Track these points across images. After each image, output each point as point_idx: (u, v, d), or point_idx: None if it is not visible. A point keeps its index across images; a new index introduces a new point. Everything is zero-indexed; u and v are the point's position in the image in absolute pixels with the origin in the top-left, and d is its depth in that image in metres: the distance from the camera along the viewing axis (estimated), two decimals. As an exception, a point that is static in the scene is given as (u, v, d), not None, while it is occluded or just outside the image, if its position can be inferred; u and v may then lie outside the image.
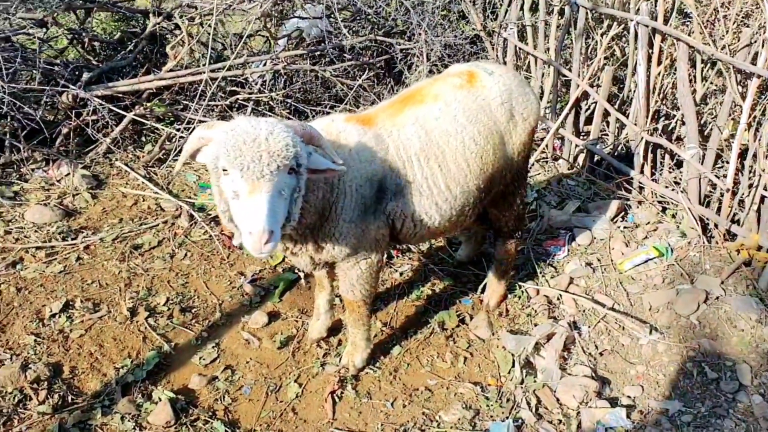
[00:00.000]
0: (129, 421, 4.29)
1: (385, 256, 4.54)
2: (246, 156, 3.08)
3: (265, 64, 7.72)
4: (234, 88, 7.76)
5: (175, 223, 6.19)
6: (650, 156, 6.32)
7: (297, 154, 3.21)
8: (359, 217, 3.93)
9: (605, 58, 6.81)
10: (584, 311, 5.17)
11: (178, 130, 7.15)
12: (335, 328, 5.06)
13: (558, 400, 4.47)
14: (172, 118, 7.45)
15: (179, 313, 5.17)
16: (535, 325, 5.05)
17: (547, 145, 7.18)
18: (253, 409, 4.47)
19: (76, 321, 5.04)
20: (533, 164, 7.13)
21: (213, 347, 4.91)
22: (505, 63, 7.97)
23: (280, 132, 3.17)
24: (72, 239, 5.91)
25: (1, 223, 6.02)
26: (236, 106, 7.67)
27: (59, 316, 5.06)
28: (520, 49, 7.80)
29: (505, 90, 4.41)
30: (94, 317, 5.09)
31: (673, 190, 6.09)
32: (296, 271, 5.47)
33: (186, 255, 5.81)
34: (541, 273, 5.56)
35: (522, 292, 5.41)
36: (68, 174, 6.64)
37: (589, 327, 5.02)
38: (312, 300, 5.30)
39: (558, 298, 5.30)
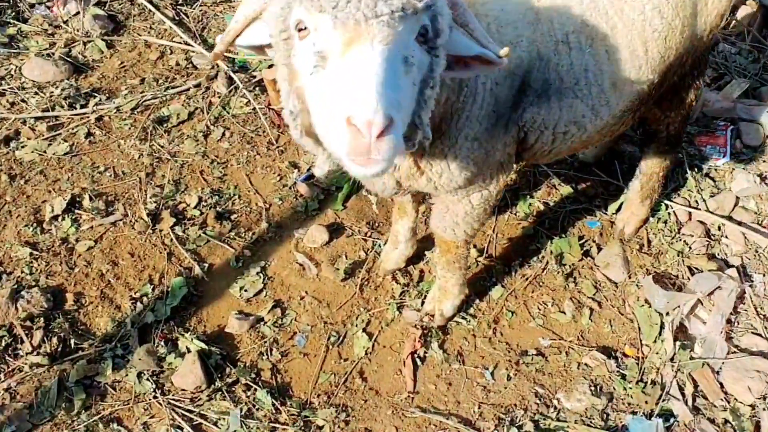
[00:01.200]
0: (148, 380, 3.30)
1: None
2: None
3: None
4: None
5: (210, 87, 4.81)
6: None
7: (435, 1, 1.87)
8: (486, 131, 2.56)
9: None
10: (757, 251, 3.78)
11: (214, -46, 5.53)
12: (416, 255, 3.81)
13: (723, 387, 3.26)
14: (206, -62, 5.78)
15: (215, 220, 3.98)
16: (690, 269, 3.71)
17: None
18: (308, 370, 3.40)
19: (84, 227, 3.91)
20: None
21: (258, 273, 3.75)
22: None
23: None
24: (81, 106, 4.63)
25: (-7, 81, 4.75)
26: None
27: (62, 219, 3.94)
28: None
29: None
30: (107, 222, 3.95)
31: None
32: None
33: (224, 135, 4.49)
34: (696, 187, 4.10)
35: (668, 214, 4.01)
36: (77, 13, 5.21)
37: (764, 276, 3.67)
38: (387, 210, 4.04)
39: (719, 228, 3.90)
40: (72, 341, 3.40)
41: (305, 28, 1.84)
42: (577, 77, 2.65)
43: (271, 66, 4.61)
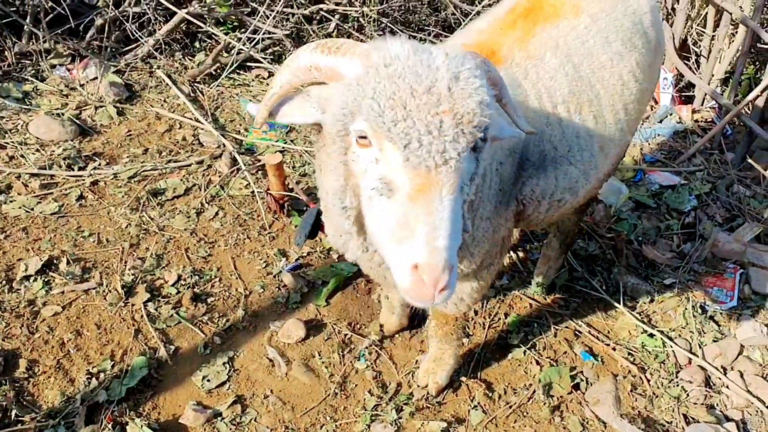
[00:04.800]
0: (85, 466, 3.00)
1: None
2: (416, 120, 1.66)
3: (361, -31, 6.04)
4: (319, -6, 6.11)
5: (212, 165, 4.75)
6: None
7: (491, 117, 1.79)
8: (495, 209, 2.54)
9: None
10: (759, 411, 3.51)
11: (239, 39, 5.61)
12: (395, 365, 3.59)
13: None
14: (234, 23, 5.90)
15: (190, 301, 3.79)
16: (685, 418, 3.44)
17: (715, 135, 5.32)
18: (259, 478, 3.11)
19: (55, 291, 3.74)
20: (693, 156, 5.30)
21: (224, 363, 3.52)
22: (674, 10, 6.01)
23: (469, 77, 1.74)
24: (79, 168, 4.56)
25: (-2, 133, 4.72)
26: (317, 18, 6.04)
27: (35, 279, 3.77)
28: (699, -6, 5.81)
29: (653, 3, 3.14)
30: (79, 289, 3.77)
31: None
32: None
33: (216, 215, 4.38)
34: (699, 330, 3.88)
35: (666, 354, 3.77)
36: (95, 78, 5.25)
37: (766, 435, 3.39)
38: (372, 312, 3.87)
39: (720, 378, 3.64)
40: (13, 412, 3.15)
41: (366, 137, 1.76)
42: (570, 144, 2.69)
43: (278, 152, 4.58)
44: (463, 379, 3.56)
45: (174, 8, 5.43)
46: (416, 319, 3.77)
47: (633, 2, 3.00)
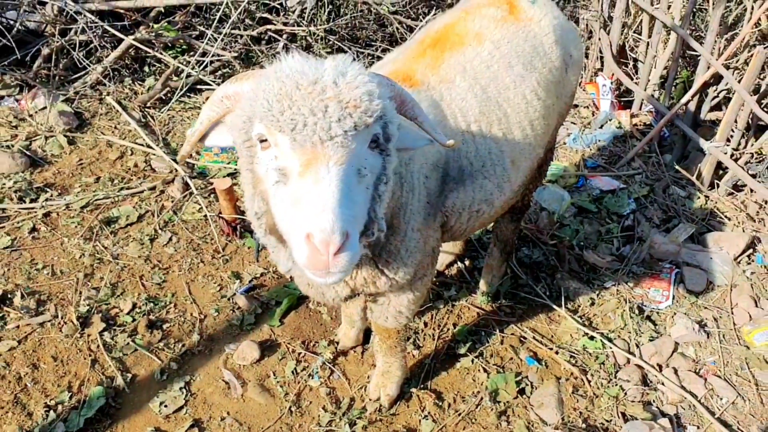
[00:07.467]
0: (44, 500, 3.08)
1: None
2: (301, 107, 1.83)
3: (306, -11, 6.15)
4: (266, 15, 6.21)
5: (164, 191, 4.82)
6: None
7: (385, 111, 1.96)
8: (425, 221, 2.75)
9: (754, 33, 5.06)
10: (691, 405, 3.71)
11: (187, 63, 5.68)
12: (349, 381, 3.71)
13: None
14: (183, 47, 5.97)
15: (145, 328, 3.88)
16: (623, 416, 3.63)
17: (652, 138, 5.55)
18: (218, 499, 3.21)
19: (11, 325, 3.80)
20: (632, 159, 5.52)
21: (181, 388, 3.62)
22: (610, 18, 6.23)
23: (357, 75, 1.92)
24: (31, 200, 4.61)
25: (-54, 168, 4.74)
26: (265, 38, 6.14)
27: (-11, 315, 3.82)
28: (633, 2, 6.02)
29: (557, 24, 3.31)
30: (34, 322, 3.83)
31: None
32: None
33: (170, 240, 4.46)
34: (636, 331, 4.08)
35: (606, 356, 3.96)
36: (44, 108, 5.29)
37: (698, 428, 3.59)
38: (324, 326, 3.99)
39: (656, 375, 3.84)
40: (-29, 451, 3.22)
41: (266, 140, 1.93)
42: (484, 160, 2.91)
43: (228, 175, 4.69)
44: (414, 390, 3.71)
45: (120, 35, 5.49)
46: (371, 334, 3.91)
47: (534, 26, 3.20)
